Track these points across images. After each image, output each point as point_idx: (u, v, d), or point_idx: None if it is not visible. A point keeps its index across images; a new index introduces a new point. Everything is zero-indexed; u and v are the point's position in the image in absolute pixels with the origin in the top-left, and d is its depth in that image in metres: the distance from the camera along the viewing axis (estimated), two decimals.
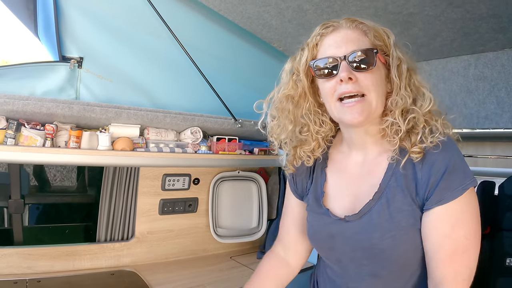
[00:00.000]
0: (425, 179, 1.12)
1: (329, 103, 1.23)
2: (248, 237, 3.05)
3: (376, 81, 1.16)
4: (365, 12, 2.07)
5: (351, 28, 1.21)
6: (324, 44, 1.24)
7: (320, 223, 1.34)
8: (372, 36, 1.19)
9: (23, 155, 1.94)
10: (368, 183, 1.25)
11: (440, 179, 1.09)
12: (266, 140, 1.50)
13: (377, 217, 1.18)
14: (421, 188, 1.13)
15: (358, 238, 1.21)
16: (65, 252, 2.36)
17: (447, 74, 2.42)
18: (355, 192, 1.29)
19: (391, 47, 1.20)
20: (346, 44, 1.17)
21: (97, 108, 2.07)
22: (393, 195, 1.17)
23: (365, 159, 1.30)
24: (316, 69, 1.22)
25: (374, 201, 1.20)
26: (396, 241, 1.13)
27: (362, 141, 1.29)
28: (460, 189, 1.07)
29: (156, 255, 2.70)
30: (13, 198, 2.54)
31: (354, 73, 1.15)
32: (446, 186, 1.08)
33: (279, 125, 1.40)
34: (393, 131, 1.19)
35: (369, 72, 1.15)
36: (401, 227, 1.14)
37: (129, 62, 2.31)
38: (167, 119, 2.31)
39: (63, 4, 2.08)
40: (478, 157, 3.02)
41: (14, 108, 1.87)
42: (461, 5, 1.84)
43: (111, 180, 2.52)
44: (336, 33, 1.21)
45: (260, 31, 2.55)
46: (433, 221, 1.10)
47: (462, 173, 1.09)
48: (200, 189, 2.88)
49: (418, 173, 1.14)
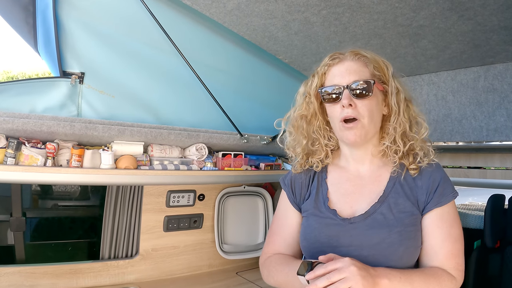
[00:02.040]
0: (425, 187, 1.38)
1: (334, 123, 1.46)
2: (255, 252, 3.01)
3: (371, 107, 1.39)
4: (373, 25, 2.05)
5: (354, 60, 1.43)
6: (330, 73, 1.46)
7: (322, 225, 1.46)
8: (372, 67, 1.41)
9: (24, 175, 1.89)
10: (371, 191, 1.45)
11: (437, 187, 1.36)
12: (274, 155, 1.67)
13: (382, 217, 1.36)
14: (422, 194, 1.38)
15: (367, 235, 1.35)
16: (68, 270, 2.32)
17: (456, 86, 2.39)
18: (356, 199, 1.46)
19: (390, 77, 1.43)
20: (349, 75, 1.39)
21: (100, 125, 2.03)
22: (396, 200, 1.38)
23: (364, 173, 1.50)
24: (324, 94, 1.44)
25: (379, 203, 1.39)
26: (402, 236, 1.31)
27: (361, 157, 1.50)
28: (451, 196, 1.37)
29: (161, 272, 2.66)
30: (15, 215, 2.48)
31: (354, 100, 1.37)
32: (442, 192, 1.36)
33: (295, 140, 1.60)
34: (393, 151, 1.44)
35: (366, 99, 1.37)
36: (406, 224, 1.33)
37: (131, 77, 2.27)
38: (172, 136, 2.27)
39: (63, 18, 2.05)
40: (487, 169, 2.98)
41: (14, 127, 1.83)
42: (472, 17, 1.82)
43: (114, 197, 2.48)
44: (341, 65, 1.44)
45: (265, 44, 2.51)
46: (435, 220, 1.35)
47: (451, 185, 1.40)
48: (206, 205, 2.84)
49: (418, 182, 1.40)
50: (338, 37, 2.25)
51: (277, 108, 2.80)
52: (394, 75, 1.45)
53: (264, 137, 2.69)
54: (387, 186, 1.42)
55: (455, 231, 1.35)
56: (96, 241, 2.65)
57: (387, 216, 1.35)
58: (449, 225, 1.34)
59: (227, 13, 2.19)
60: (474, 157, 2.81)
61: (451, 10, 1.79)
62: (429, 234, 1.35)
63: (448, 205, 1.36)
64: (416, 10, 1.85)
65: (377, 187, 1.44)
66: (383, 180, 1.45)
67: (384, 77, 1.43)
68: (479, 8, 1.74)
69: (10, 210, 2.48)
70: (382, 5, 1.87)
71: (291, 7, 2.03)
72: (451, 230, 1.34)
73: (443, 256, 1.32)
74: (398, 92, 1.42)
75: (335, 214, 1.44)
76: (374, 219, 1.36)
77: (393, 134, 1.42)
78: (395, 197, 1.39)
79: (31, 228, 3.08)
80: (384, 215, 1.36)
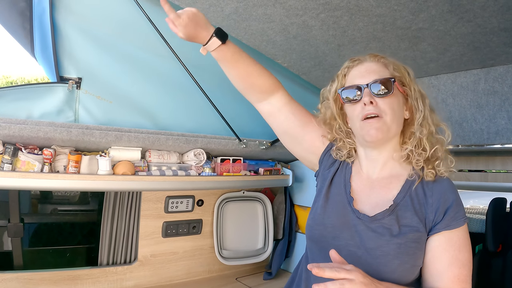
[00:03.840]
0: (435, 206, 1.32)
1: (355, 123, 1.42)
2: (254, 258, 3.00)
3: (392, 106, 1.37)
4: (372, 28, 2.04)
5: (374, 61, 1.44)
6: (351, 75, 1.46)
7: (334, 210, 1.45)
8: (392, 68, 1.41)
9: (21, 181, 1.88)
10: (378, 195, 1.42)
11: (448, 209, 1.31)
12: (273, 160, 1.68)
13: (387, 225, 1.32)
14: (431, 212, 1.32)
15: (367, 236, 1.33)
16: (66, 277, 2.31)
17: (456, 89, 2.38)
18: (366, 199, 1.44)
19: (411, 81, 1.43)
20: (369, 74, 1.39)
21: (97, 131, 2.02)
22: (403, 213, 1.33)
23: (374, 176, 1.48)
24: (344, 95, 1.43)
25: (389, 211, 1.35)
26: (401, 249, 1.27)
27: (375, 159, 1.47)
28: (463, 220, 1.31)
29: (159, 278, 2.65)
30: (12, 221, 2.47)
31: (374, 98, 1.36)
32: (453, 215, 1.30)
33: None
34: (418, 154, 1.40)
35: (387, 97, 1.36)
36: (408, 238, 1.28)
37: (129, 82, 2.26)
38: (169, 141, 2.26)
39: (60, 23, 2.04)
40: (488, 172, 2.98)
41: (10, 133, 1.82)
42: (472, 19, 1.81)
43: (112, 203, 2.47)
44: (360, 66, 1.45)
45: (264, 48, 2.50)
46: (443, 243, 1.30)
47: (463, 208, 1.34)
48: (204, 210, 2.84)
49: (429, 199, 1.35)
50: (337, 41, 2.24)
51: None
52: (416, 81, 1.45)
53: (263, 142, 2.67)
54: (397, 197, 1.38)
55: (463, 256, 1.29)
56: (95, 247, 2.64)
57: (392, 226, 1.31)
58: (457, 250, 1.29)
59: (225, 17, 2.18)
60: (475, 160, 2.81)
61: (450, 12, 1.78)
62: (435, 257, 1.30)
63: (458, 229, 1.30)
64: (415, 12, 1.84)
65: (386, 194, 1.41)
66: (392, 188, 1.41)
67: (405, 79, 1.43)
68: (478, 10, 1.73)
69: (8, 216, 2.47)
70: (381, 8, 1.85)
71: (289, 11, 2.01)
72: (459, 254, 1.28)
73: (449, 280, 1.27)
74: (422, 96, 1.43)
75: (351, 202, 1.43)
76: (380, 225, 1.33)
77: (419, 137, 1.39)
78: (403, 209, 1.35)
79: (29, 234, 3.07)
80: (390, 224, 1.32)
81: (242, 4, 2.01)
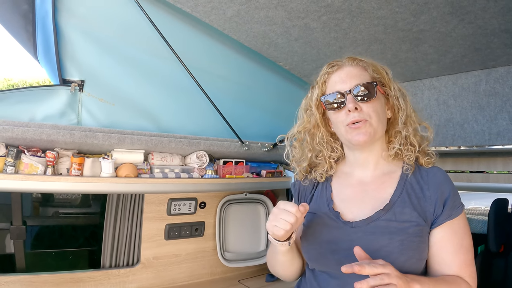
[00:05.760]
0: (433, 198, 1.33)
1: (340, 129, 1.43)
2: (257, 260, 2.99)
3: (376, 108, 1.37)
4: (374, 30, 2.05)
5: (352, 65, 1.43)
6: (331, 81, 1.45)
7: (322, 226, 1.45)
8: (371, 70, 1.41)
9: (24, 183, 1.88)
10: (374, 197, 1.41)
11: (447, 200, 1.32)
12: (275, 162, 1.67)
13: (385, 224, 1.32)
14: (430, 205, 1.33)
15: (367, 240, 1.31)
16: (69, 279, 2.31)
17: (457, 90, 2.39)
18: (357, 205, 1.43)
19: (390, 80, 1.44)
20: (350, 79, 1.39)
21: (100, 134, 2.02)
22: (402, 209, 1.33)
23: (367, 178, 1.48)
24: (327, 103, 1.43)
25: (384, 211, 1.34)
26: (404, 245, 1.27)
27: (365, 161, 1.48)
28: (460, 208, 1.34)
29: (162, 280, 2.64)
30: (15, 224, 2.47)
31: (358, 103, 1.36)
32: (452, 205, 1.32)
33: (301, 155, 1.61)
34: (406, 150, 1.42)
35: (371, 102, 1.37)
36: (409, 234, 1.28)
37: (131, 85, 2.26)
38: (172, 143, 2.26)
39: (63, 26, 2.04)
40: (489, 173, 2.97)
41: (13, 135, 1.82)
42: (473, 21, 1.82)
43: (115, 206, 2.47)
44: (340, 71, 1.44)
45: (266, 50, 2.51)
46: (447, 233, 1.31)
47: (459, 196, 1.37)
48: (207, 212, 2.83)
49: (426, 192, 1.36)
50: (339, 43, 2.24)
51: (278, 114, 2.79)
52: (394, 80, 1.46)
53: (265, 144, 2.68)
54: (394, 194, 1.38)
55: (466, 242, 1.32)
56: (97, 250, 2.64)
57: (390, 223, 1.31)
58: (460, 237, 1.31)
59: (227, 20, 2.19)
60: (476, 161, 2.80)
61: (451, 14, 1.79)
62: (441, 248, 1.32)
63: (458, 218, 1.32)
64: (416, 14, 1.84)
65: (380, 194, 1.41)
66: (387, 187, 1.41)
67: (384, 80, 1.43)
68: (479, 12, 1.74)
69: (10, 219, 2.47)
70: (382, 10, 1.86)
71: (291, 14, 2.02)
72: (463, 241, 1.31)
73: (457, 267, 1.30)
74: (403, 94, 1.44)
75: (338, 217, 1.42)
76: (376, 226, 1.33)
77: (405, 134, 1.41)
78: (401, 206, 1.34)
79: (32, 236, 3.08)
80: (387, 223, 1.32)
81: (244, 7, 2.02)
